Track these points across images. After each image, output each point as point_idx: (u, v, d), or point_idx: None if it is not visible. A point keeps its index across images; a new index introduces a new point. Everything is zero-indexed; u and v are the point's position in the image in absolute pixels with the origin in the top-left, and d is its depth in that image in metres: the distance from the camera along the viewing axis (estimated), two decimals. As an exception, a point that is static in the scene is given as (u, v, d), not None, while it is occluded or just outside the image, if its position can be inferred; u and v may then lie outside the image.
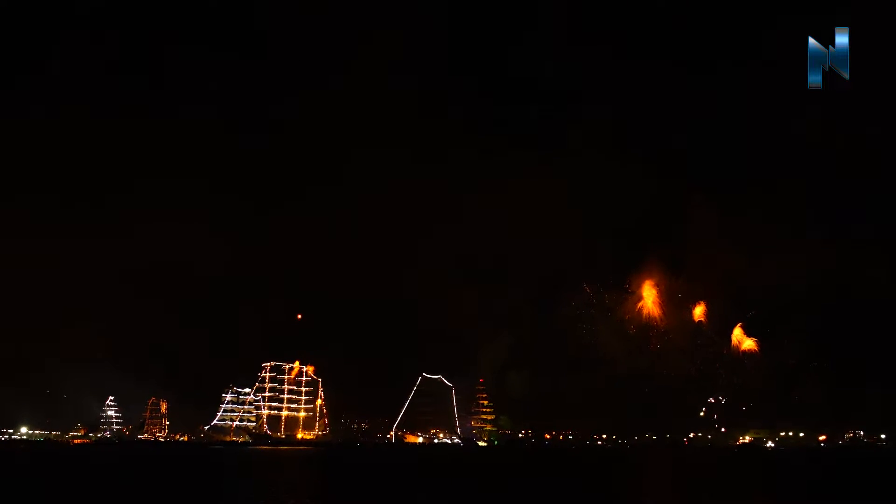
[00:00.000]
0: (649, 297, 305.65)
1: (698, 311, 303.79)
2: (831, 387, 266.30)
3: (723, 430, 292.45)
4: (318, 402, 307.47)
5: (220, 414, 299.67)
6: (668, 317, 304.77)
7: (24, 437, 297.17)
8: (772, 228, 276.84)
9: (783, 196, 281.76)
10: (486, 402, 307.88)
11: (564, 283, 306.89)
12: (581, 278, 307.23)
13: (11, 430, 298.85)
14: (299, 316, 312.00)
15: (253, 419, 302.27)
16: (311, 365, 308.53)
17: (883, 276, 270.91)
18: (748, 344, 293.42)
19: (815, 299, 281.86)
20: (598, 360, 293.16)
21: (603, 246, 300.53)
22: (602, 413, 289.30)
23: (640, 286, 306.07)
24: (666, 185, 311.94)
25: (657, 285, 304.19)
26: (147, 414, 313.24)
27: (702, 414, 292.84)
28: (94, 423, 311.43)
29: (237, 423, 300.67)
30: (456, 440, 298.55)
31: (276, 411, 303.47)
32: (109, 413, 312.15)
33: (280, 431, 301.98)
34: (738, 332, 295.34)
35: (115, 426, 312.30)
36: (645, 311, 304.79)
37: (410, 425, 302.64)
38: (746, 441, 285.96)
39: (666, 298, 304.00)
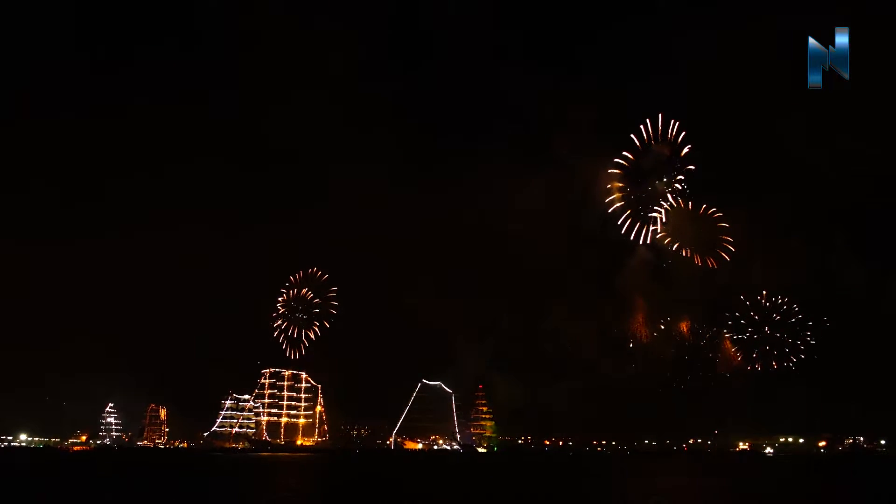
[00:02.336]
0: (635, 304, 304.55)
1: (684, 325, 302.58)
2: (818, 393, 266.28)
3: (721, 435, 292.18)
4: (318, 408, 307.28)
5: (219, 420, 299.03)
6: (654, 323, 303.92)
7: (24, 444, 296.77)
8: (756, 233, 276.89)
9: (767, 200, 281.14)
10: (485, 409, 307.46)
11: (549, 288, 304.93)
12: (566, 283, 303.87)
13: (11, 438, 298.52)
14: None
15: (252, 426, 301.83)
16: (305, 372, 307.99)
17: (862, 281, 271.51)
18: (736, 356, 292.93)
19: (799, 304, 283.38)
20: (584, 366, 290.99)
21: (588, 251, 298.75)
22: (595, 419, 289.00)
23: (625, 292, 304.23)
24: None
25: (642, 291, 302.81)
26: (146, 420, 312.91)
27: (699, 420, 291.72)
28: (94, 429, 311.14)
29: (236, 429, 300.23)
30: (455, 446, 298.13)
31: (275, 418, 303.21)
32: (109, 420, 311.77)
33: (279, 438, 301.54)
34: (727, 344, 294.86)
35: (114, 433, 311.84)
36: (631, 319, 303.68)
37: (410, 431, 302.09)
38: (745, 447, 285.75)
39: (651, 305, 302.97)
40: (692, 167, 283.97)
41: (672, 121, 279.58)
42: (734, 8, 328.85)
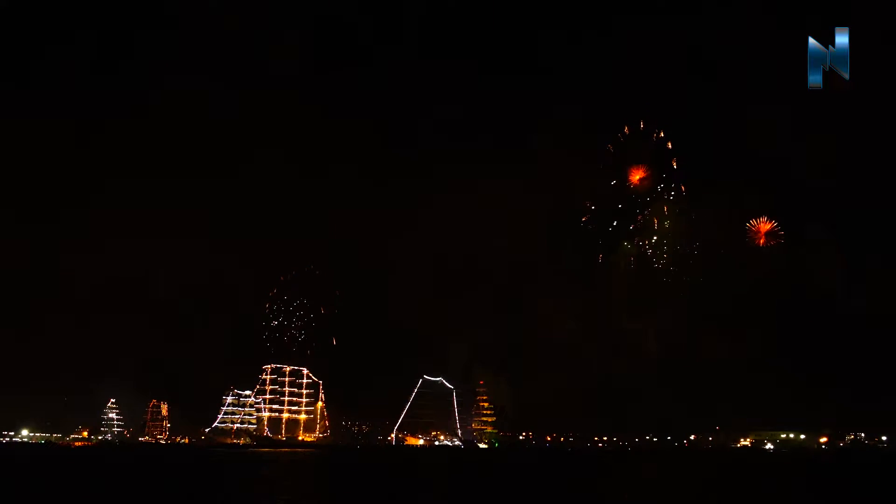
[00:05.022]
0: (616, 297, 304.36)
1: (666, 316, 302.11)
2: (820, 389, 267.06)
3: (722, 432, 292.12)
4: (319, 404, 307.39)
5: (220, 416, 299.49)
6: (636, 317, 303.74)
7: (26, 439, 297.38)
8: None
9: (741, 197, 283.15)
10: (486, 405, 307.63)
11: (532, 282, 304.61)
12: (548, 277, 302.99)
13: (13, 433, 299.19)
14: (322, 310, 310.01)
15: (254, 422, 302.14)
16: (306, 368, 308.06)
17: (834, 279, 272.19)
18: (719, 348, 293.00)
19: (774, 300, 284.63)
20: (571, 361, 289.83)
21: (569, 245, 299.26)
22: (597, 417, 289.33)
23: (606, 286, 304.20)
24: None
25: (623, 284, 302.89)
26: (148, 416, 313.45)
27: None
28: (95, 425, 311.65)
29: (238, 425, 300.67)
30: (457, 442, 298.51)
31: (276, 413, 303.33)
32: (111, 415, 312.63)
33: (281, 434, 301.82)
34: (709, 336, 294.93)
35: (116, 428, 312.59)
36: (613, 312, 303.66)
37: (411, 427, 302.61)
38: (747, 443, 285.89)
39: (633, 298, 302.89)
40: (675, 167, 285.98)
41: (655, 129, 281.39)
42: (733, 7, 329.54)
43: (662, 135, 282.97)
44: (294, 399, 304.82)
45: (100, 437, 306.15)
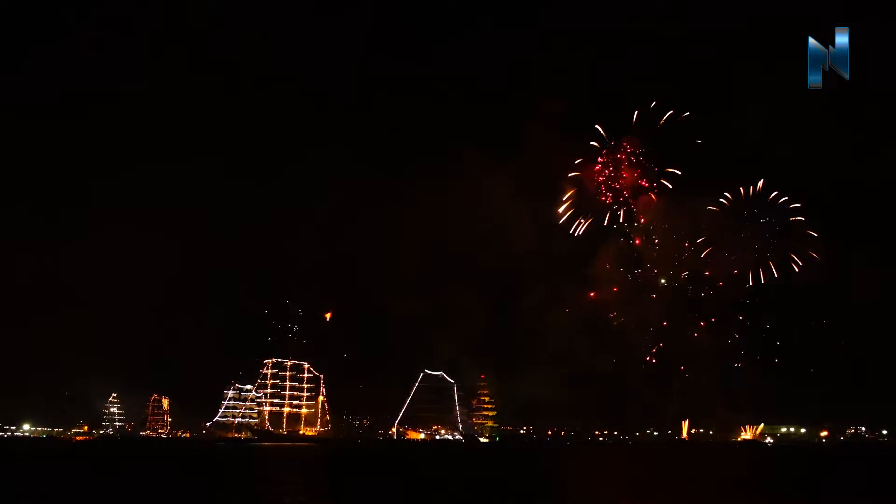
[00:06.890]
0: (604, 290, 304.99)
1: (652, 309, 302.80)
2: (781, 381, 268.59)
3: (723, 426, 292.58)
4: (320, 398, 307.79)
5: (221, 410, 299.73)
6: (623, 311, 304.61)
7: (27, 434, 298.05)
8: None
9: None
10: (487, 399, 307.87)
11: (522, 278, 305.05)
12: (539, 272, 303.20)
13: (14, 427, 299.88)
14: (328, 315, 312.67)
15: (255, 416, 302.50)
16: (308, 362, 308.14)
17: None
18: (705, 341, 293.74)
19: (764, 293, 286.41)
20: (558, 355, 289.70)
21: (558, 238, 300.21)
22: (597, 411, 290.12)
23: (594, 278, 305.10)
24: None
25: (611, 277, 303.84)
26: (149, 411, 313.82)
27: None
28: (97, 419, 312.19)
29: (239, 419, 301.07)
30: (458, 436, 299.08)
31: (277, 408, 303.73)
32: (112, 410, 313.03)
33: (282, 428, 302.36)
34: (696, 330, 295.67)
35: (117, 423, 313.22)
36: (601, 305, 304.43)
37: (412, 422, 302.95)
38: (748, 437, 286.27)
39: (620, 291, 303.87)
40: (666, 164, 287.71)
41: (645, 125, 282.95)
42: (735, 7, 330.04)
43: (655, 130, 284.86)
44: (295, 393, 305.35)
45: (101, 432, 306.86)
